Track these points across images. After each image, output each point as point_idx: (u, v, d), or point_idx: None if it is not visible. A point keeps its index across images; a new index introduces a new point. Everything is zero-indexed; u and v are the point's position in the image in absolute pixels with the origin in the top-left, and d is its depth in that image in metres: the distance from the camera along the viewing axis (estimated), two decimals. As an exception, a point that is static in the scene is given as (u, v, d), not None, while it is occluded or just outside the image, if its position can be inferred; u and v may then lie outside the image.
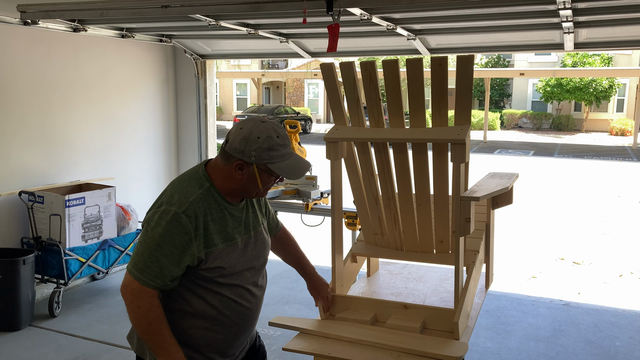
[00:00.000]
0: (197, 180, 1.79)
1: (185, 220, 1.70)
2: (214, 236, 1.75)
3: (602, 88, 25.90)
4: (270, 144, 1.74)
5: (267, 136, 1.74)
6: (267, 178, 1.80)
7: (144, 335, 1.74)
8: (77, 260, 4.60)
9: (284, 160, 1.77)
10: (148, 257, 1.70)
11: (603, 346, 4.13)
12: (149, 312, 1.71)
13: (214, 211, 1.77)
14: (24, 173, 4.77)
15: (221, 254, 1.77)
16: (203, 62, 6.18)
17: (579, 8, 3.66)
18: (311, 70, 24.50)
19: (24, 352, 3.96)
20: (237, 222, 1.83)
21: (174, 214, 1.70)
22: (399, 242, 2.68)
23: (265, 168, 1.76)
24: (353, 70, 2.36)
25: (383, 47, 5.21)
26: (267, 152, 1.74)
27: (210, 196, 1.77)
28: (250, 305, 1.90)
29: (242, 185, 1.79)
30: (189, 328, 1.82)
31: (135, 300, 1.71)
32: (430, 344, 2.12)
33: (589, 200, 10.77)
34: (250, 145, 1.73)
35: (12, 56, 4.60)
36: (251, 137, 1.73)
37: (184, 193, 1.75)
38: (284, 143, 1.77)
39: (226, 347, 1.89)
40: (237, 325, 1.88)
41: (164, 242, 1.69)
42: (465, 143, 2.18)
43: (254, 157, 1.73)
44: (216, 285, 1.79)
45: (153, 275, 1.70)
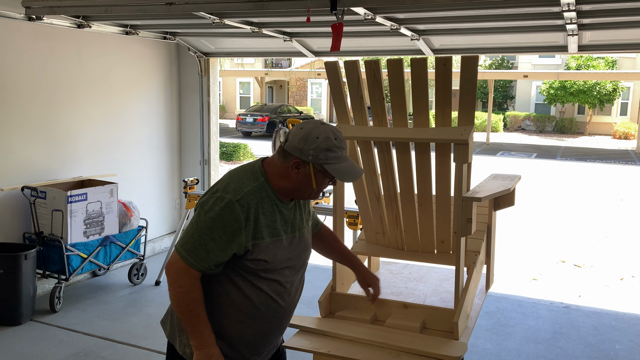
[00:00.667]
0: (253, 174, 1.84)
1: (238, 209, 1.75)
2: (263, 229, 1.79)
3: (606, 91, 25.84)
4: (328, 144, 1.78)
5: (326, 137, 1.78)
6: (322, 179, 1.82)
7: (182, 315, 1.78)
8: (79, 256, 4.61)
9: (340, 162, 1.80)
10: (197, 240, 1.75)
11: (603, 349, 4.13)
12: (190, 292, 1.76)
13: (265, 205, 1.81)
14: (26, 168, 4.78)
15: (267, 248, 1.80)
16: (206, 60, 6.18)
17: (583, 10, 3.66)
18: (314, 70, 24.51)
19: (25, 346, 3.97)
20: (285, 220, 1.87)
21: (228, 201, 1.75)
22: (400, 241, 2.68)
23: (321, 168, 1.79)
24: (357, 69, 2.37)
25: (386, 47, 5.21)
26: (324, 152, 1.77)
27: (264, 191, 1.82)
28: (285, 304, 1.92)
29: (296, 184, 1.83)
30: (223, 318, 1.86)
31: (178, 280, 1.77)
32: (430, 343, 2.13)
33: (591, 203, 10.75)
34: (308, 145, 1.77)
35: (16, 52, 4.61)
36: (310, 136, 1.78)
37: (240, 183, 1.80)
38: (341, 146, 1.81)
39: (255, 344, 1.91)
40: (269, 323, 1.90)
41: (215, 227, 1.74)
42: (468, 143, 2.18)
43: (311, 157, 1.77)
44: (257, 278, 1.83)
45: (199, 258, 1.75)
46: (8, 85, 4.58)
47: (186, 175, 6.44)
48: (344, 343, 2.16)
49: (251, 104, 31.97)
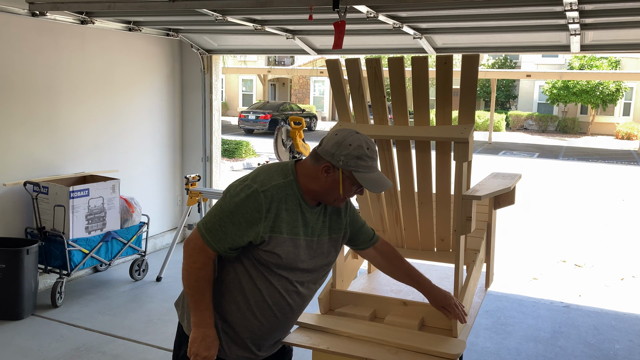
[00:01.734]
0: (283, 171, 1.89)
1: (262, 198, 1.80)
2: (282, 224, 1.83)
3: (608, 91, 25.80)
4: (360, 153, 1.82)
5: (359, 145, 1.82)
6: (349, 187, 1.86)
7: (189, 290, 1.85)
8: (80, 252, 4.63)
9: (369, 172, 1.84)
10: (219, 221, 1.81)
11: (602, 349, 4.13)
12: (202, 269, 1.82)
13: (289, 202, 1.85)
14: (29, 163, 4.80)
15: (283, 244, 1.84)
16: (209, 57, 6.19)
17: (585, 10, 3.66)
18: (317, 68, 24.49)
19: (26, 341, 3.99)
20: (306, 223, 1.90)
21: (254, 190, 1.81)
22: (400, 239, 2.69)
23: (350, 175, 1.83)
24: (359, 67, 2.37)
25: (389, 46, 5.22)
26: (355, 159, 1.81)
27: (291, 188, 1.86)
28: (293, 303, 1.95)
29: (324, 189, 1.86)
30: (232, 303, 1.91)
31: (194, 255, 1.83)
32: (429, 341, 2.13)
33: (593, 203, 10.74)
34: (341, 150, 1.82)
35: (20, 47, 4.62)
36: (344, 143, 1.82)
37: (269, 176, 1.86)
38: (373, 157, 1.85)
39: (259, 336, 1.96)
40: (275, 318, 1.94)
41: (237, 212, 1.80)
42: (469, 142, 2.18)
43: (342, 162, 1.82)
44: (268, 271, 1.87)
45: (217, 239, 1.81)
46: (11, 80, 4.59)
47: (188, 172, 6.46)
48: (343, 340, 2.17)
49: (254, 101, 31.98)
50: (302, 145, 6.08)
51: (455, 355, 2.04)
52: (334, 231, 2.02)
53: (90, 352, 3.85)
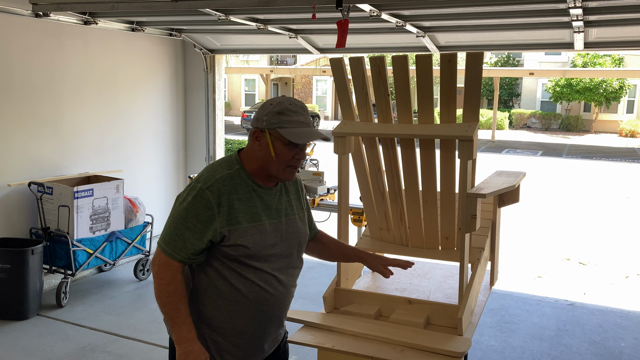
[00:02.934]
0: (227, 163, 1.86)
1: (209, 195, 1.76)
2: (239, 214, 1.78)
3: (612, 89, 25.71)
4: (281, 108, 1.78)
5: (279, 102, 1.80)
6: (281, 147, 1.78)
7: (162, 308, 1.79)
8: (85, 252, 4.64)
9: (296, 127, 1.77)
10: (173, 231, 1.77)
11: (607, 347, 4.12)
12: (170, 284, 1.77)
13: (241, 191, 1.81)
14: (33, 164, 4.81)
15: (245, 233, 1.79)
16: (212, 56, 6.20)
17: (589, 7, 3.65)
18: (320, 67, 24.47)
19: (32, 340, 4.00)
20: (267, 206, 1.85)
21: (198, 189, 1.77)
22: (405, 237, 2.69)
23: (277, 134, 1.77)
24: (362, 65, 2.37)
25: (392, 44, 5.21)
26: (277, 115, 1.77)
27: (239, 177, 1.82)
28: (275, 292, 1.88)
29: (262, 159, 1.82)
30: (214, 309, 1.85)
31: (160, 272, 1.78)
32: (434, 339, 2.13)
33: (597, 201, 10.72)
34: (263, 111, 1.81)
35: (24, 48, 4.64)
36: (266, 104, 1.82)
37: (212, 172, 1.82)
38: (297, 111, 1.79)
39: (250, 334, 1.89)
40: (261, 312, 1.87)
41: (188, 216, 1.76)
42: (473, 140, 2.18)
43: (265, 122, 1.78)
44: (240, 266, 1.82)
45: (177, 248, 1.76)
46: (15, 81, 4.61)
47: (191, 171, 6.47)
48: (349, 338, 2.17)
49: (256, 101, 31.98)
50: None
51: (461, 353, 2.04)
52: (300, 210, 1.98)
53: (95, 351, 3.86)
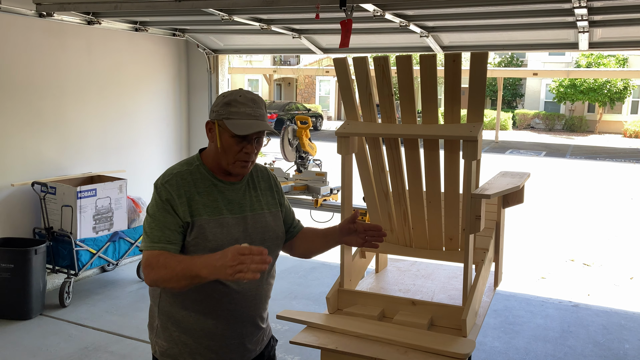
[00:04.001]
0: (187, 162, 1.87)
1: (167, 187, 1.77)
2: (200, 207, 1.78)
3: (616, 89, 25.64)
4: (230, 99, 1.76)
5: (230, 93, 1.79)
6: (227, 139, 1.75)
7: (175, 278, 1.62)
8: (88, 252, 4.64)
9: (242, 119, 1.74)
10: (148, 227, 1.77)
11: (612, 348, 4.10)
12: (158, 261, 1.67)
13: (200, 185, 1.81)
14: (37, 164, 4.82)
15: (207, 225, 1.76)
16: (215, 56, 6.19)
17: (594, 7, 3.63)
18: (323, 67, 24.48)
19: (35, 340, 4.00)
20: (229, 201, 1.83)
21: (158, 184, 1.80)
22: (409, 238, 2.68)
23: (224, 125, 1.75)
24: (366, 65, 2.36)
25: (395, 44, 5.20)
26: (225, 106, 1.76)
27: (198, 172, 1.83)
28: (242, 289, 1.81)
29: (214, 152, 1.81)
30: (182, 309, 1.82)
31: (147, 266, 1.70)
32: (438, 340, 2.12)
33: (601, 202, 10.68)
34: (215, 102, 1.81)
35: (27, 48, 4.64)
36: (220, 96, 1.81)
37: (171, 169, 1.84)
38: (245, 102, 1.75)
39: (220, 335, 1.83)
40: (228, 311, 1.82)
41: (155, 212, 1.77)
42: (478, 140, 2.17)
43: (215, 113, 1.78)
44: None
45: (153, 240, 1.73)
46: (18, 81, 4.61)
47: (194, 171, 6.46)
48: (352, 339, 2.16)
49: (259, 101, 31.93)
50: (308, 145, 6.07)
51: (465, 354, 2.02)
52: (272, 206, 1.94)
53: (98, 351, 3.86)
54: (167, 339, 1.85)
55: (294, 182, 5.43)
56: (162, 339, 1.86)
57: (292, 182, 5.42)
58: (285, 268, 5.59)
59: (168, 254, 1.70)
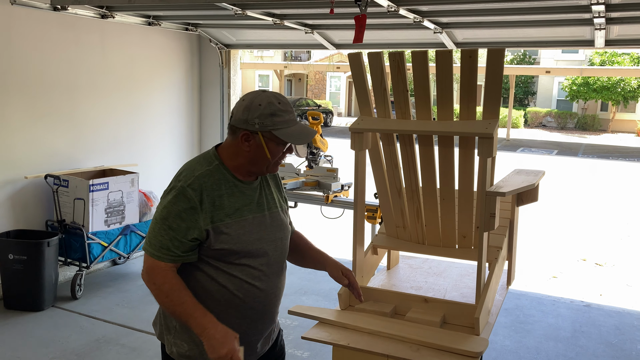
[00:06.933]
0: (206, 160, 1.82)
1: (190, 193, 1.72)
2: (222, 211, 1.75)
3: (630, 88, 25.37)
4: (272, 109, 1.73)
5: (269, 102, 1.74)
6: (275, 147, 1.77)
7: (168, 310, 1.73)
8: (100, 245, 4.67)
9: (289, 126, 1.75)
10: (158, 232, 1.73)
11: (624, 349, 4.06)
12: (164, 284, 1.72)
13: (222, 187, 1.77)
14: (50, 157, 4.85)
15: (230, 229, 1.75)
16: (228, 51, 6.19)
17: (612, 4, 3.58)
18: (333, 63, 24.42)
19: (47, 332, 4.04)
20: (249, 200, 1.82)
21: (179, 188, 1.73)
22: (421, 235, 2.66)
23: (270, 136, 1.74)
24: (381, 60, 2.35)
25: (409, 40, 5.17)
26: (269, 117, 1.73)
27: (219, 173, 1.79)
28: (265, 287, 1.85)
29: (250, 159, 1.78)
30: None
31: (151, 278, 1.73)
32: (450, 338, 2.11)
33: (613, 202, 10.58)
34: (252, 113, 1.73)
35: (42, 42, 4.67)
36: (252, 105, 1.74)
37: (191, 170, 1.78)
38: (287, 109, 1.76)
39: (243, 332, 1.84)
40: (251, 309, 1.84)
41: (170, 215, 1.72)
42: (493, 137, 2.15)
43: (258, 124, 1.73)
44: (226, 264, 1.78)
45: (164, 249, 1.72)
46: (33, 74, 4.64)
47: (206, 166, 6.47)
48: (364, 336, 2.15)
49: (270, 96, 31.95)
50: (320, 141, 6.05)
51: (478, 353, 2.01)
52: (281, 202, 1.96)
53: (109, 344, 3.88)
54: (187, 340, 1.83)
55: (305, 178, 5.42)
56: (182, 340, 1.84)
57: (303, 178, 5.41)
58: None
59: (175, 282, 1.72)
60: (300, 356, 3.75)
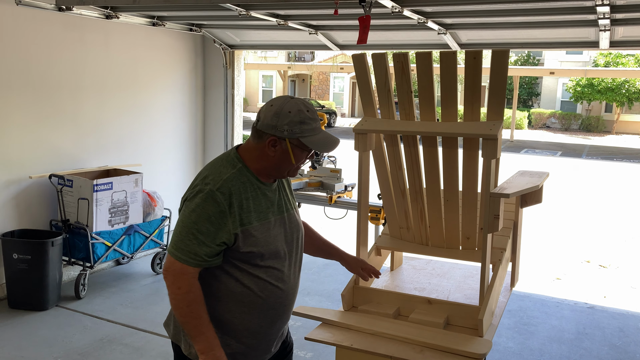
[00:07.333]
0: (229, 162, 1.82)
1: (220, 197, 1.73)
2: (249, 214, 1.77)
3: (635, 89, 25.26)
4: (302, 117, 1.76)
5: (298, 110, 1.77)
6: (300, 153, 1.81)
7: (182, 318, 1.74)
8: (103, 244, 4.68)
9: (316, 134, 1.79)
10: (185, 236, 1.73)
11: (629, 351, 4.05)
12: (189, 292, 1.73)
13: (248, 190, 1.79)
14: (54, 157, 4.86)
15: (256, 233, 1.78)
16: (232, 52, 6.20)
17: (617, 5, 3.57)
18: (337, 64, 24.43)
19: (51, 331, 4.05)
20: (270, 202, 1.85)
21: (208, 191, 1.73)
22: (425, 237, 2.66)
23: (298, 142, 1.78)
24: (385, 61, 2.35)
25: (413, 41, 5.16)
26: (298, 125, 1.76)
27: (244, 176, 1.80)
28: (286, 288, 1.89)
29: (275, 163, 1.81)
30: (226, 313, 1.83)
31: (176, 281, 1.73)
32: (454, 339, 2.10)
33: (618, 203, 10.54)
34: (282, 120, 1.75)
35: (47, 42, 4.68)
36: (282, 111, 1.76)
37: (218, 173, 1.79)
38: (314, 117, 1.80)
39: (263, 333, 1.89)
40: (273, 310, 1.87)
41: (199, 220, 1.72)
42: (497, 138, 2.15)
43: (287, 132, 1.75)
44: (252, 266, 1.80)
45: (192, 253, 1.72)
46: (39, 74, 4.65)
47: (209, 166, 6.48)
48: (367, 337, 2.15)
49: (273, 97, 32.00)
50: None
51: (481, 354, 2.01)
52: (294, 203, 2.01)
53: (112, 343, 3.89)
54: None
55: (308, 179, 5.42)
56: None
57: (306, 179, 5.41)
58: (298, 264, 5.59)
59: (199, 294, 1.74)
60: (304, 357, 3.75)
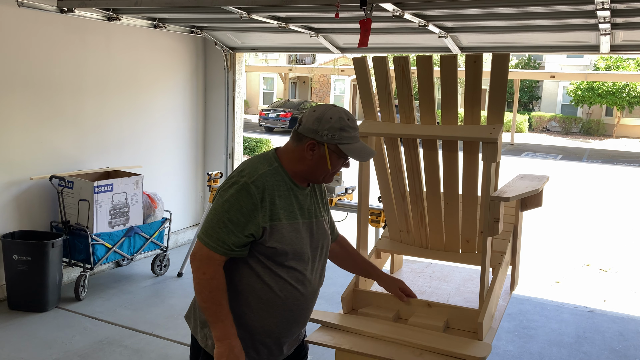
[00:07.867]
0: (267, 160, 1.88)
1: (253, 189, 1.79)
2: (280, 211, 1.82)
3: (635, 93, 25.25)
4: (342, 124, 1.82)
5: (339, 117, 1.83)
6: (336, 160, 1.86)
7: (204, 303, 1.79)
8: (103, 246, 4.68)
9: (354, 142, 1.84)
10: (216, 223, 1.79)
11: (629, 355, 4.05)
12: (213, 279, 1.78)
13: (281, 188, 1.84)
14: (55, 158, 4.87)
15: (284, 230, 1.82)
16: (233, 54, 6.21)
17: (617, 9, 3.58)
18: (338, 67, 24.45)
19: (50, 332, 4.05)
20: (301, 205, 1.89)
21: (243, 183, 1.79)
22: (425, 240, 2.66)
23: (336, 149, 1.83)
24: (386, 65, 2.35)
25: (414, 45, 5.17)
26: (338, 132, 1.81)
27: (279, 174, 1.85)
28: (306, 292, 1.92)
29: (311, 167, 1.86)
30: (244, 306, 1.87)
31: (202, 267, 1.79)
32: (454, 343, 2.10)
33: (618, 207, 10.54)
34: (323, 125, 1.81)
35: (48, 44, 4.69)
36: (324, 117, 1.82)
37: (254, 168, 1.85)
38: (354, 126, 1.85)
39: (278, 333, 1.92)
40: (290, 311, 1.90)
41: (231, 209, 1.78)
42: (498, 142, 2.15)
43: (326, 137, 1.81)
44: (275, 264, 1.84)
45: (220, 241, 1.78)
46: (40, 76, 4.66)
47: (210, 168, 6.49)
48: (367, 340, 2.15)
49: (274, 99, 32.05)
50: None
51: (481, 358, 2.01)
52: (326, 211, 2.04)
53: (112, 345, 3.89)
54: None
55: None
56: None
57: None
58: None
59: (222, 281, 1.79)
60: (303, 359, 3.75)
